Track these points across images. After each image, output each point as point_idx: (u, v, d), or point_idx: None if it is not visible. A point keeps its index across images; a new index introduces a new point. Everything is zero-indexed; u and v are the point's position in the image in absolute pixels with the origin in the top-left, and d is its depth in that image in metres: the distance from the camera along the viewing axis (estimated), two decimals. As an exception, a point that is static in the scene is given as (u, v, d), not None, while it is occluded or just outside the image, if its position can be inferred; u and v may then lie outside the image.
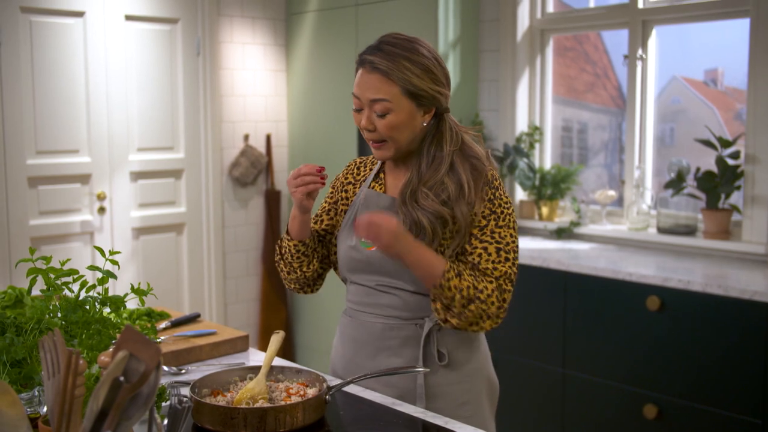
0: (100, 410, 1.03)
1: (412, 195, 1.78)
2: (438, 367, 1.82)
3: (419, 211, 1.76)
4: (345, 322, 1.95)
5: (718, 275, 2.96)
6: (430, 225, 1.75)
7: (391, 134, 1.76)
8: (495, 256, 1.75)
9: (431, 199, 1.76)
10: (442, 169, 1.79)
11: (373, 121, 1.76)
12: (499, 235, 1.77)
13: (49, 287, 1.59)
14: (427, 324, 1.81)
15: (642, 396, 3.00)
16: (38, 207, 3.94)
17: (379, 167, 1.95)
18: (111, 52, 4.08)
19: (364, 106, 1.77)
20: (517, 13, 3.95)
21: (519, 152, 3.91)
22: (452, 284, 1.70)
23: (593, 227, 3.75)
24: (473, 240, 1.77)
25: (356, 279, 1.88)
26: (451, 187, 1.77)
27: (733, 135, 3.42)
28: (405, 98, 1.74)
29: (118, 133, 4.14)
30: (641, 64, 3.63)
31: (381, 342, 1.84)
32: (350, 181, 1.99)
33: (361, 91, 1.77)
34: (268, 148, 4.69)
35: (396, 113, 1.75)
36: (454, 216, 1.76)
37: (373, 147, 1.82)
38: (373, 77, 1.74)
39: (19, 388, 1.47)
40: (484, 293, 1.71)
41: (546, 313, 3.29)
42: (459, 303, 1.71)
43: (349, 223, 1.90)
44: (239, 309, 4.69)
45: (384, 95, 1.73)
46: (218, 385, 1.68)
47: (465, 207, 1.76)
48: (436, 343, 1.81)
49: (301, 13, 4.59)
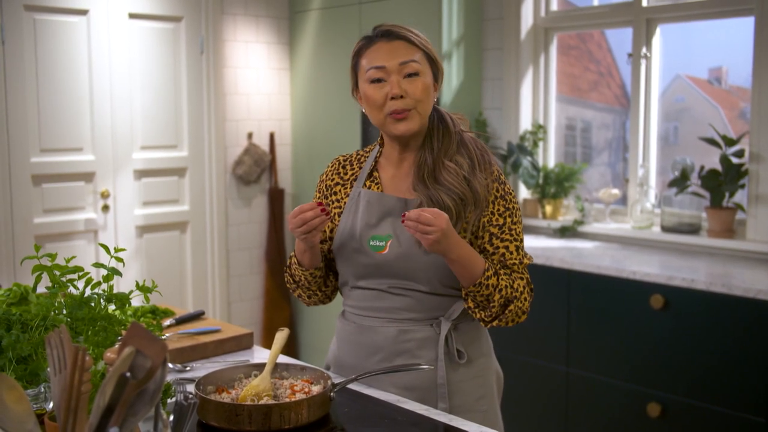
0: (106, 406, 1.03)
1: (431, 174, 1.77)
2: (458, 365, 1.81)
3: (442, 191, 1.74)
4: (348, 329, 1.88)
5: (722, 274, 2.96)
6: (455, 205, 1.74)
7: (423, 97, 1.75)
8: (516, 254, 1.78)
9: (455, 171, 1.75)
10: (453, 144, 1.80)
11: (403, 86, 1.74)
12: (515, 232, 1.80)
13: (55, 284, 1.59)
14: (443, 324, 1.79)
15: (646, 394, 3.00)
16: (42, 205, 3.94)
17: (372, 166, 1.89)
18: (114, 50, 4.08)
19: (391, 74, 1.75)
20: (521, 11, 3.95)
21: (523, 150, 3.91)
22: (490, 282, 1.71)
23: (597, 226, 3.74)
24: (494, 240, 1.78)
25: (363, 284, 1.83)
26: (465, 163, 1.78)
27: (738, 133, 3.42)
28: (427, 63, 1.79)
29: (122, 131, 4.15)
30: (645, 62, 3.63)
31: (397, 346, 1.80)
32: (337, 182, 1.91)
33: (387, 59, 1.75)
34: (271, 146, 4.69)
35: (424, 76, 1.77)
36: (474, 191, 1.75)
37: (396, 119, 1.76)
38: (397, 43, 1.77)
39: (24, 384, 1.47)
40: (518, 291, 1.75)
41: (550, 311, 3.29)
42: (498, 303, 1.72)
43: (348, 226, 1.83)
44: (242, 307, 4.69)
45: (414, 56, 1.76)
46: (223, 382, 1.68)
47: (481, 178, 1.77)
48: (454, 342, 1.81)
49: (304, 11, 4.59)
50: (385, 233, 1.79)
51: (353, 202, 1.85)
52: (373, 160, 1.90)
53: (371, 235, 1.80)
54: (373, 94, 1.77)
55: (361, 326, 1.85)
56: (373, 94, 1.77)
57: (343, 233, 1.84)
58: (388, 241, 1.79)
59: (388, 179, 1.86)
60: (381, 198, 1.82)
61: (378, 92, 1.76)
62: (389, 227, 1.80)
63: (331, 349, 1.98)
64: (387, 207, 1.81)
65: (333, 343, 1.97)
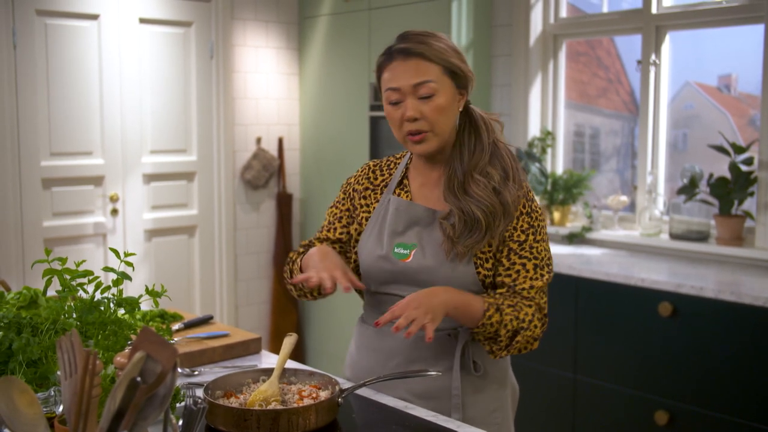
0: (116, 410, 1.03)
1: (461, 186, 1.75)
2: (474, 377, 1.81)
3: (472, 203, 1.72)
4: (368, 333, 1.89)
5: (731, 282, 2.95)
6: (485, 218, 1.72)
7: (437, 119, 1.73)
8: (532, 273, 1.76)
9: (484, 185, 1.73)
10: (485, 157, 1.77)
11: (418, 109, 1.72)
12: (537, 250, 1.77)
13: (65, 288, 1.60)
14: (461, 334, 1.79)
15: (653, 402, 2.99)
16: (52, 208, 3.96)
17: (402, 173, 1.89)
18: (125, 54, 4.10)
19: (406, 95, 1.73)
20: (530, 18, 3.95)
21: (531, 157, 3.91)
22: (494, 320, 1.70)
23: (605, 232, 3.74)
24: (512, 255, 1.76)
25: (385, 289, 1.83)
26: (497, 175, 1.76)
27: (747, 141, 3.41)
28: (446, 77, 1.73)
29: (132, 136, 4.16)
30: (654, 69, 3.63)
31: (413, 352, 1.80)
32: (367, 186, 1.91)
33: (401, 80, 1.72)
34: (280, 151, 4.70)
35: (440, 94, 1.73)
36: (504, 203, 1.74)
37: (412, 141, 1.75)
38: (411, 62, 1.72)
39: (35, 387, 1.48)
40: (526, 321, 1.72)
41: (558, 318, 3.28)
42: (505, 336, 1.71)
43: (374, 232, 1.84)
44: (250, 311, 4.70)
45: (428, 77, 1.72)
46: (231, 387, 1.68)
47: (513, 190, 1.75)
48: (471, 354, 1.80)
49: (314, 16, 4.61)
50: (411, 242, 1.79)
51: (382, 208, 1.86)
52: (404, 167, 1.90)
53: (396, 243, 1.80)
54: (391, 114, 1.77)
55: (379, 331, 1.84)
56: (391, 114, 1.77)
57: (369, 238, 1.84)
58: (413, 249, 1.78)
59: (417, 188, 1.86)
60: (409, 206, 1.82)
61: (395, 112, 1.75)
62: (415, 236, 1.79)
63: (350, 352, 1.98)
64: (415, 216, 1.81)
65: (351, 346, 1.98)
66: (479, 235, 1.72)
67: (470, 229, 1.72)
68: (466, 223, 1.72)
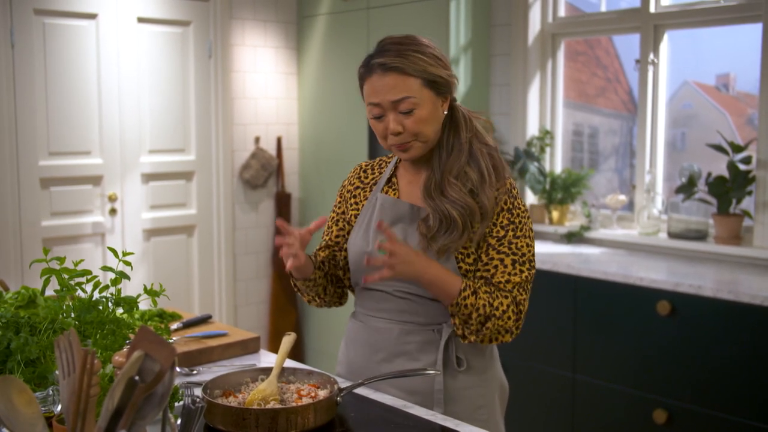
0: (115, 409, 1.03)
1: (437, 187, 1.77)
2: (456, 372, 1.82)
3: (447, 203, 1.74)
4: (356, 328, 1.93)
5: (729, 280, 2.95)
6: (461, 217, 1.73)
7: (421, 130, 1.74)
8: (510, 268, 1.76)
9: (458, 188, 1.75)
10: (462, 157, 1.78)
11: (400, 122, 1.74)
12: (516, 246, 1.77)
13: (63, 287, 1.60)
14: (445, 330, 1.80)
15: (652, 401, 3.00)
16: (50, 208, 3.96)
17: (391, 171, 1.92)
18: (123, 54, 4.10)
19: (387, 111, 1.74)
20: (529, 17, 3.95)
21: (530, 156, 3.91)
22: (468, 302, 1.71)
23: (604, 232, 3.74)
24: (490, 250, 1.77)
25: (373, 284, 1.86)
26: (474, 176, 1.77)
27: (745, 140, 3.41)
28: (426, 89, 1.74)
29: (130, 135, 4.16)
30: (653, 68, 3.63)
31: (398, 346, 1.83)
32: (357, 185, 1.96)
33: (381, 96, 1.73)
34: (278, 150, 4.71)
35: (421, 107, 1.73)
36: (481, 205, 1.75)
37: (398, 150, 1.78)
38: (390, 78, 1.72)
39: (33, 387, 1.48)
40: (499, 310, 1.73)
41: (556, 317, 3.29)
42: (476, 321, 1.72)
43: (362, 228, 1.87)
44: (249, 311, 4.70)
45: (407, 92, 1.72)
46: (230, 386, 1.68)
47: (489, 192, 1.76)
48: (455, 349, 1.81)
49: (312, 16, 4.61)
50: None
51: (370, 205, 1.89)
52: (393, 166, 1.93)
53: (381, 239, 1.81)
54: (375, 126, 1.79)
55: (366, 325, 1.88)
56: (375, 126, 1.79)
57: (357, 235, 1.88)
58: None
59: (405, 186, 1.89)
60: (395, 203, 1.85)
61: (379, 125, 1.78)
62: (400, 232, 1.82)
63: (340, 348, 2.01)
64: (400, 212, 1.84)
65: (341, 342, 2.00)
66: (456, 234, 1.73)
67: (446, 228, 1.74)
68: (442, 223, 1.74)
